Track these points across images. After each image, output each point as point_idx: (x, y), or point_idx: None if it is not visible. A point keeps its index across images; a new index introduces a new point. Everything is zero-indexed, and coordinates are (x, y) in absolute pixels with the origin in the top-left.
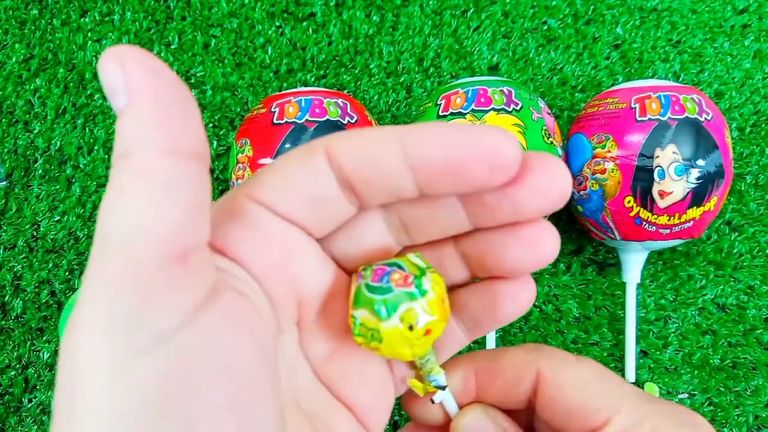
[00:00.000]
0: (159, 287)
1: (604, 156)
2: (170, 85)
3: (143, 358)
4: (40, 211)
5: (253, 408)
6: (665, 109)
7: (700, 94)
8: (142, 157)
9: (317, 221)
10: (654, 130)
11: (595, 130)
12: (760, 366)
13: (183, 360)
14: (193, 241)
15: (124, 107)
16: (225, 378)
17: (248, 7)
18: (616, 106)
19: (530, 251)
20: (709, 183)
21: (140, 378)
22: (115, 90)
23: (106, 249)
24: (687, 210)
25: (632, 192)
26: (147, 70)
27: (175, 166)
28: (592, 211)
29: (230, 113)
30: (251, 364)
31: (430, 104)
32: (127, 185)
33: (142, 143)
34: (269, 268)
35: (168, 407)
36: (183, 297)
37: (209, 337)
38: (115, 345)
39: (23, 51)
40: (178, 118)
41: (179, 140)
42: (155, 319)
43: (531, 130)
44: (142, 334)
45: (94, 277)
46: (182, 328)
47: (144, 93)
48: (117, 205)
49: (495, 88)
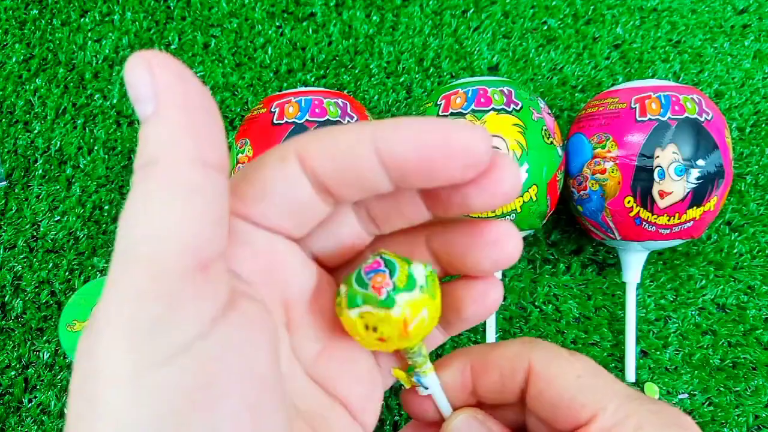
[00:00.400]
0: (182, 296)
1: (604, 156)
2: (198, 93)
3: (165, 367)
4: (40, 211)
5: (269, 413)
6: (665, 109)
7: (700, 94)
8: (170, 165)
9: (297, 225)
10: (654, 130)
11: (595, 130)
12: (760, 366)
13: (203, 369)
14: (215, 251)
15: (150, 114)
16: (243, 385)
17: (248, 7)
18: (616, 106)
19: (492, 252)
20: (709, 183)
21: (161, 387)
22: (143, 96)
23: (130, 256)
24: (687, 210)
25: (632, 192)
26: (176, 75)
27: (202, 176)
28: (592, 211)
29: (230, 113)
30: (267, 370)
31: (431, 104)
32: (154, 193)
33: (170, 151)
34: (257, 277)
35: (188, 415)
36: (204, 306)
37: (227, 346)
38: (138, 353)
39: (23, 51)
40: (205, 127)
41: (207, 151)
42: (177, 329)
43: (531, 130)
44: (164, 344)
45: (116, 284)
46: (202, 337)
47: (173, 100)
48: (142, 212)
49: (495, 88)
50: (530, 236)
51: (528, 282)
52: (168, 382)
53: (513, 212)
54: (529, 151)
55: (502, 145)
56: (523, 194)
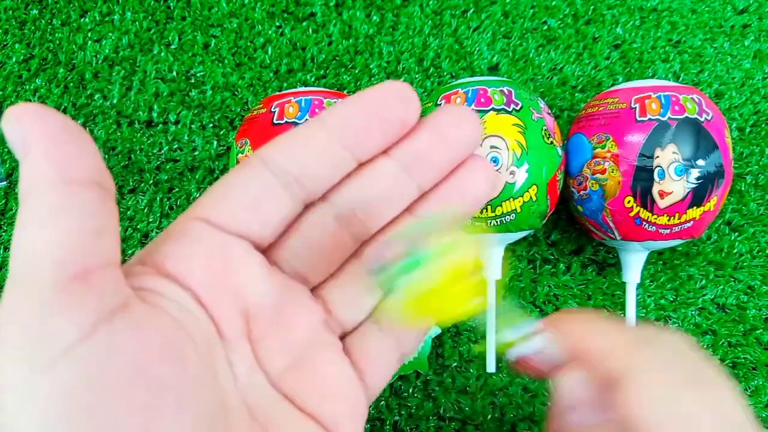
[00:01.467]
0: (60, 306)
1: (604, 156)
2: (58, 123)
3: (50, 373)
4: None
5: (168, 415)
6: (665, 109)
7: (700, 94)
8: (36, 192)
9: (260, 224)
10: (654, 130)
11: (595, 130)
12: (760, 366)
13: (85, 371)
14: (96, 262)
15: (23, 156)
16: (131, 386)
17: (248, 7)
18: (616, 106)
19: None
20: (709, 183)
21: (49, 393)
22: (16, 145)
23: (10, 278)
24: (687, 210)
25: (632, 192)
26: (37, 117)
27: (65, 194)
28: (592, 211)
29: (230, 113)
30: (164, 372)
31: (430, 104)
32: (25, 221)
33: (36, 180)
34: (209, 281)
35: (76, 418)
36: (83, 312)
37: (111, 349)
38: (25, 363)
39: (23, 51)
40: (68, 151)
41: (71, 170)
42: (57, 336)
43: (531, 130)
44: (47, 350)
45: (3, 306)
46: (82, 341)
47: (35, 137)
48: (17, 240)
49: (495, 88)
50: (530, 236)
51: (528, 282)
52: (54, 387)
53: (513, 212)
54: (529, 151)
55: (502, 145)
56: (523, 194)
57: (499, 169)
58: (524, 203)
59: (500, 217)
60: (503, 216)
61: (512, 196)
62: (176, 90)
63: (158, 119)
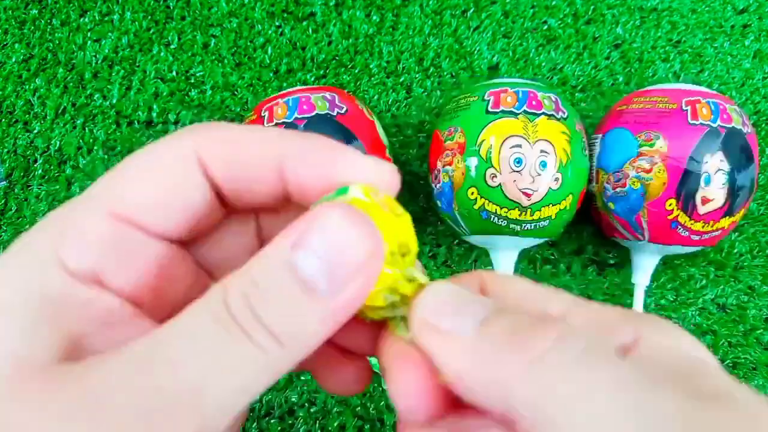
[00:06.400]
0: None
1: (651, 155)
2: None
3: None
4: (40, 211)
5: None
6: (715, 115)
7: (740, 108)
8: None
9: (190, 231)
10: (705, 136)
11: (642, 127)
12: (760, 366)
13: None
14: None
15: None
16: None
17: (248, 7)
18: (666, 105)
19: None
20: (743, 195)
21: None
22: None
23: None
24: (720, 219)
25: (676, 195)
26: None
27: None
28: (626, 209)
29: (230, 113)
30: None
31: (475, 98)
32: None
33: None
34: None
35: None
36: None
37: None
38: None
39: (23, 51)
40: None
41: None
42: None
43: (574, 140)
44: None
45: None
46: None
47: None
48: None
49: (543, 93)
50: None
51: None
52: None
53: (548, 218)
54: (572, 160)
55: (551, 150)
56: (560, 202)
57: (545, 173)
58: (560, 210)
59: (537, 221)
60: (539, 221)
61: (552, 203)
62: (176, 90)
63: (158, 119)
